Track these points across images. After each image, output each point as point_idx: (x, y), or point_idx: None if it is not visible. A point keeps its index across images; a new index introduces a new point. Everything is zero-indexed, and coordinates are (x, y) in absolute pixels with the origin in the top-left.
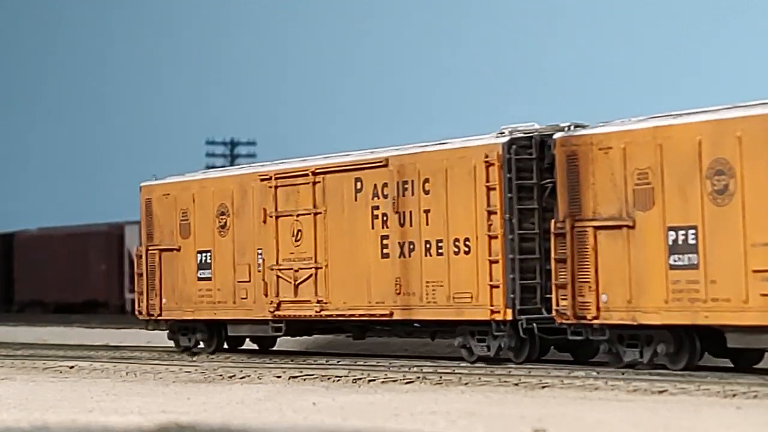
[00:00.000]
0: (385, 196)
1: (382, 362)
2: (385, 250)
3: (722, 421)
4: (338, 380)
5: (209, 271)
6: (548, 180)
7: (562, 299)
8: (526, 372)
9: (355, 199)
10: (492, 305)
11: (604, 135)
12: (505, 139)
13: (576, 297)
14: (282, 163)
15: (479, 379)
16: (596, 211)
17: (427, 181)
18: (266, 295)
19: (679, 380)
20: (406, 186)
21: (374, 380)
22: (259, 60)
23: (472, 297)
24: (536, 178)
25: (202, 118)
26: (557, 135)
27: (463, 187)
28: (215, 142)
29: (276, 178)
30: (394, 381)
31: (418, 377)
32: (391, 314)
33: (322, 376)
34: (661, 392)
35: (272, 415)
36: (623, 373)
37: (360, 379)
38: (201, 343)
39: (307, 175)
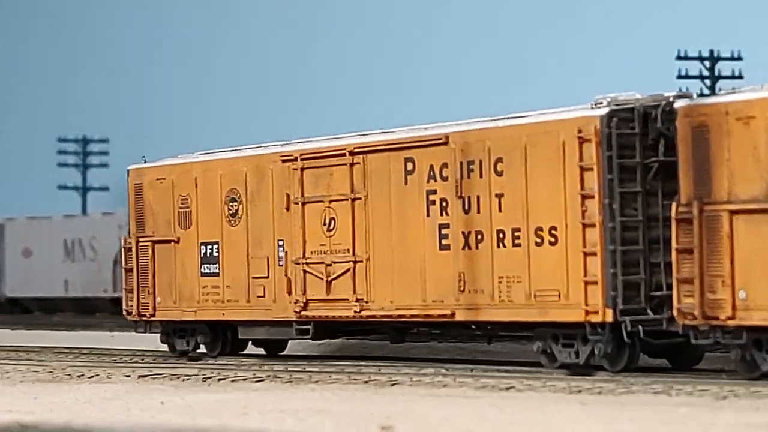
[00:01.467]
0: (445, 179)
1: (233, 361)
2: (444, 241)
3: (567, 417)
4: (188, 379)
5: (216, 265)
6: (653, 159)
7: (686, 296)
8: (376, 370)
9: (406, 182)
10: (587, 305)
11: (744, 103)
12: (604, 111)
13: (705, 294)
14: (309, 141)
15: (329, 377)
16: (732, 192)
17: (500, 160)
18: (290, 293)
19: (526, 377)
20: (472, 167)
21: (224, 379)
22: (112, 56)
23: (560, 295)
24: (639, 156)
25: (54, 115)
26: (679, 103)
27: (549, 167)
28: (67, 140)
29: (303, 159)
30: (244, 380)
31: (269, 376)
32: (453, 315)
33: (172, 375)
34: (508, 389)
35: (119, 414)
36: (472, 370)
37: (210, 378)
38: (202, 346)
39: (343, 154)
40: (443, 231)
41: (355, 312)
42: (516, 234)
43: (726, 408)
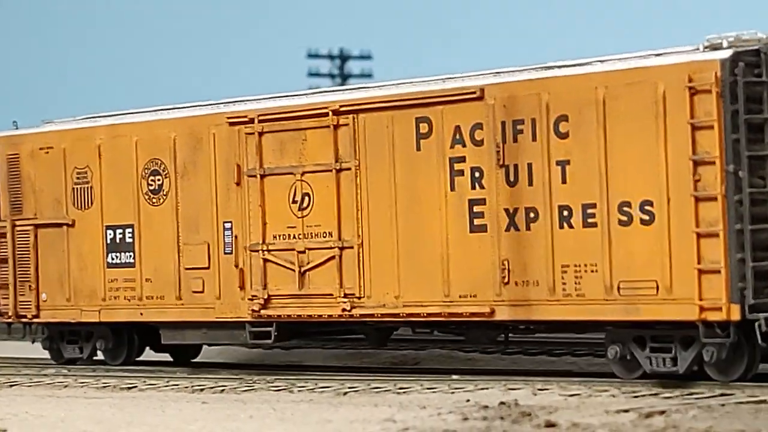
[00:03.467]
0: (478, 143)
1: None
2: (477, 221)
3: (186, 416)
4: None
5: (130, 254)
6: None
7: None
8: None
9: (418, 148)
10: (702, 299)
11: None
12: (727, 54)
13: None
14: (269, 98)
15: None
16: None
17: (563, 119)
18: (243, 288)
19: (149, 376)
20: (519, 127)
21: None
22: None
23: (658, 287)
24: None
25: None
26: None
27: (640, 126)
28: None
29: (262, 121)
30: None
31: None
32: (492, 313)
33: None
34: (130, 388)
35: None
36: (94, 370)
37: None
38: (100, 353)
39: (323, 114)
40: (476, 208)
41: (343, 310)
42: (589, 211)
43: (345, 404)
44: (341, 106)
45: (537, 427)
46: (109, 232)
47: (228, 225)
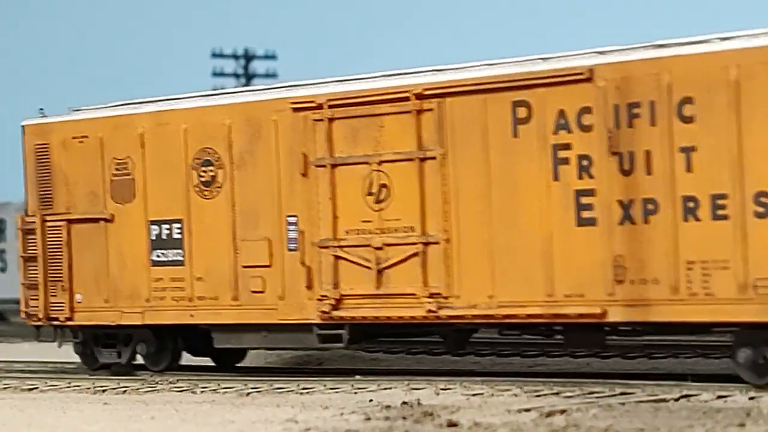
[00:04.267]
0: (587, 129)
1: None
2: (586, 213)
3: (87, 417)
4: None
5: (178, 251)
6: None
7: None
8: None
9: (515, 134)
10: None
11: None
12: None
13: None
14: (339, 82)
15: None
16: None
17: (688, 101)
18: (310, 287)
19: (50, 377)
20: (636, 111)
21: None
22: None
23: None
24: None
25: None
26: None
27: None
28: None
29: (332, 107)
30: None
31: None
32: (603, 314)
33: None
34: (31, 389)
35: None
36: None
37: None
38: (140, 357)
39: (404, 98)
40: (584, 200)
41: (429, 311)
42: (719, 202)
43: (248, 405)
44: (425, 90)
45: (439, 426)
46: (153, 227)
47: (292, 219)
